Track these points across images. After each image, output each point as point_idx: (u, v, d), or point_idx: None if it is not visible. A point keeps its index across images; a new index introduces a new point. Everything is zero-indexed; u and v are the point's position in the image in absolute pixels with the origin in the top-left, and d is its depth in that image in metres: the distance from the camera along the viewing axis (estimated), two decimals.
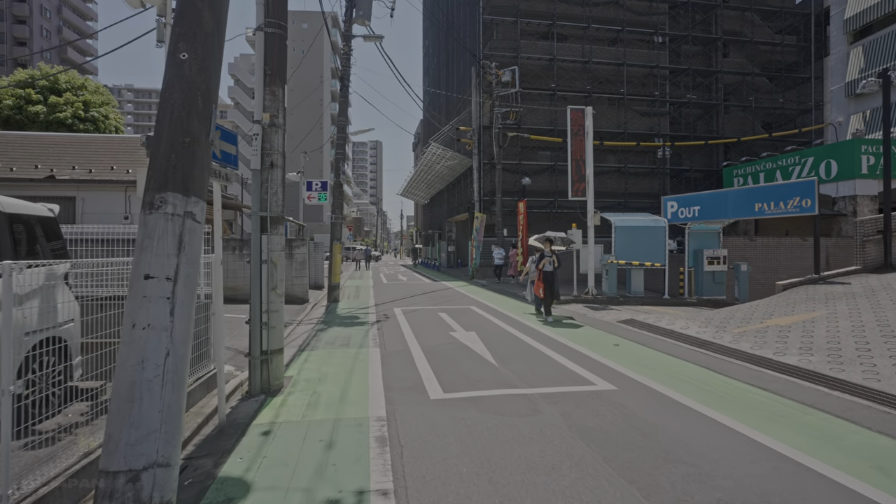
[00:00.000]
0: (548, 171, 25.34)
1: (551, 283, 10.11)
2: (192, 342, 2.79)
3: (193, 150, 2.71)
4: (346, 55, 13.37)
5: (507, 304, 12.74)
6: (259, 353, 5.11)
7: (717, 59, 27.02)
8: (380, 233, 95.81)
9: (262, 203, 5.19)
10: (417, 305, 12.52)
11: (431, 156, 26.21)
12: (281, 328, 5.36)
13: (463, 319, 10.08)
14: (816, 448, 3.71)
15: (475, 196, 23.22)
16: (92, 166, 13.07)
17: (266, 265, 5.18)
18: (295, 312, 11.06)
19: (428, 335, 8.37)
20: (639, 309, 11.89)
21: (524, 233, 19.18)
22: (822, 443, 3.81)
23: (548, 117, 25.38)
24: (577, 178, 13.52)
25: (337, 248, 13.45)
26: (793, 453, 3.60)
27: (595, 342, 7.77)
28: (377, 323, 9.76)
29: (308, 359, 6.73)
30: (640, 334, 8.48)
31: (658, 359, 6.66)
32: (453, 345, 7.56)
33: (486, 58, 23.48)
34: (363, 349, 7.28)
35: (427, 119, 46.01)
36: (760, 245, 17.66)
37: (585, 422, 4.26)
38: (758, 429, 4.07)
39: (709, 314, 9.79)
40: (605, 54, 25.79)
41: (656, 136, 26.11)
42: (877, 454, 3.62)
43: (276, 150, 5.26)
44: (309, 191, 18.45)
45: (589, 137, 13.49)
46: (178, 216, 2.56)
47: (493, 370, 6.05)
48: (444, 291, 16.38)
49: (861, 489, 3.09)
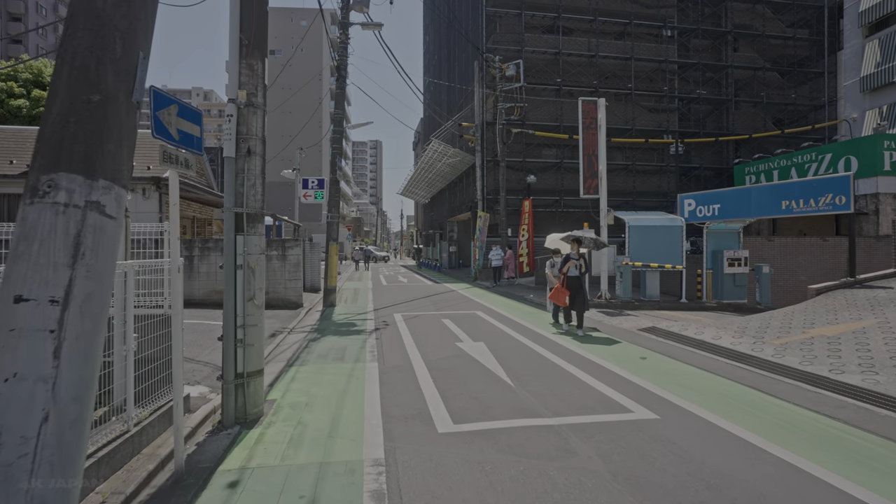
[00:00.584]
0: (553, 169, 24.51)
1: (578, 290, 8.64)
2: (94, 389, 1.95)
3: (105, 112, 1.88)
4: (342, 44, 12.54)
5: (515, 310, 11.90)
6: (233, 376, 4.28)
7: (728, 53, 26.19)
8: (380, 233, 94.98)
9: (236, 197, 4.36)
10: (419, 310, 11.69)
11: (433, 153, 25.37)
12: (261, 345, 4.53)
13: (469, 327, 9.25)
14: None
15: (478, 195, 22.38)
16: None
17: (242, 271, 4.35)
18: (287, 319, 10.24)
19: (432, 346, 7.53)
20: (658, 314, 11.06)
21: (530, 232, 18.38)
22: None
23: (553, 113, 24.56)
24: (590, 175, 12.69)
25: (333, 248, 12.62)
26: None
27: (619, 355, 6.94)
28: (376, 331, 8.93)
29: (296, 377, 5.89)
30: (667, 345, 7.65)
31: (695, 376, 5.83)
32: (461, 358, 6.73)
33: (489, 52, 22.65)
34: (359, 364, 6.45)
35: (428, 118, 45.21)
36: (778, 245, 16.81)
37: (632, 468, 3.43)
38: (852, 479, 3.24)
39: (739, 321, 8.95)
40: (613, 48, 24.96)
41: (665, 132, 25.29)
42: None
43: (254, 134, 4.43)
44: (305, 189, 17.62)
45: (602, 131, 12.67)
46: (75, 208, 1.74)
47: (508, 392, 5.22)
48: (446, 294, 15.55)
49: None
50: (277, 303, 11.88)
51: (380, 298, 14.43)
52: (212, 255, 11.69)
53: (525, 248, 18.73)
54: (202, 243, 11.70)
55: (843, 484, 3.18)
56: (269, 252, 11.91)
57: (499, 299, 14.20)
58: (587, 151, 12.64)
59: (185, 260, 11.54)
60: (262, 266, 4.54)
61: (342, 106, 12.78)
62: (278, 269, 11.92)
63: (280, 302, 11.90)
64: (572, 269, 8.75)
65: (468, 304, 12.87)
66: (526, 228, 18.64)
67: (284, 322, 9.85)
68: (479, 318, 10.53)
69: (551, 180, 24.42)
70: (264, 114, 4.57)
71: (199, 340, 7.48)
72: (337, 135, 12.79)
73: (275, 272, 11.90)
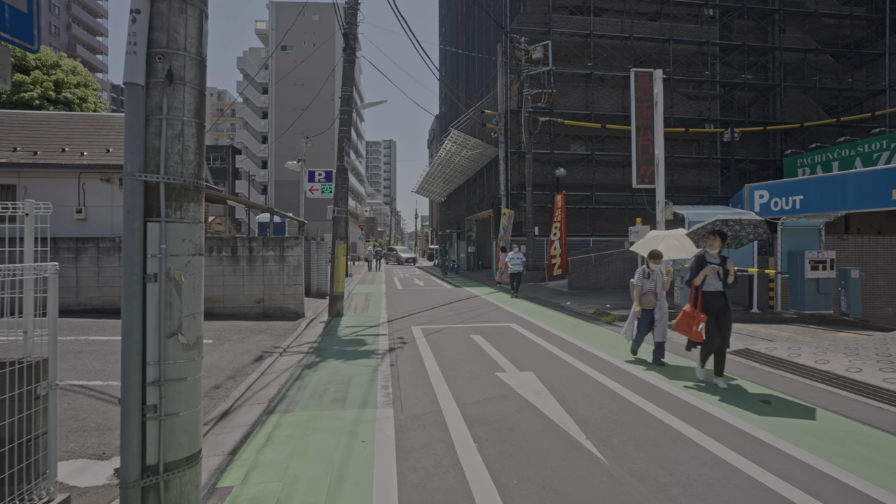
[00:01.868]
0: (583, 162, 22.43)
1: (722, 314, 5.37)
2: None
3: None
4: (351, 8, 10.71)
5: (558, 322, 9.93)
6: (139, 472, 2.41)
7: (775, 34, 23.82)
8: (393, 233, 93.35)
9: (147, 156, 2.49)
10: (441, 322, 9.79)
11: (451, 145, 23.46)
12: (195, 413, 2.63)
13: (508, 347, 7.32)
14: None
15: (501, 189, 20.41)
16: (39, 148, 10.58)
17: (158, 286, 2.48)
18: (282, 334, 8.42)
19: (465, 378, 5.62)
20: (734, 330, 8.98)
21: (563, 230, 16.37)
22: None
23: (583, 101, 22.50)
24: (644, 161, 10.66)
25: (340, 249, 10.78)
26: None
27: (734, 398, 4.94)
28: (390, 353, 7.04)
29: (274, 436, 4.02)
30: (779, 378, 5.63)
31: (872, 440, 3.83)
32: (508, 401, 4.81)
33: (513, 33, 20.68)
34: (367, 411, 4.56)
35: (443, 115, 43.36)
36: (853, 245, 14.52)
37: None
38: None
39: (852, 341, 6.87)
40: (648, 29, 22.81)
41: (706, 121, 23.05)
42: None
43: (182, 47, 2.56)
44: (311, 182, 15.83)
45: (658, 108, 10.64)
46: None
47: (600, 475, 3.28)
48: (469, 301, 13.62)
49: None
50: (274, 313, 10.08)
51: (394, 306, 12.56)
52: None
53: (557, 248, 16.67)
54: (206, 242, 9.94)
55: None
56: (265, 253, 10.13)
57: (532, 307, 12.23)
58: (641, 133, 10.62)
59: None
60: (198, 276, 2.66)
61: (351, 82, 10.95)
62: (275, 273, 10.12)
63: (277, 312, 10.10)
64: (711, 279, 5.41)
65: (498, 315, 10.93)
66: (558, 226, 16.61)
67: (278, 338, 8.02)
68: (515, 333, 8.58)
69: (580, 174, 22.35)
70: (205, 17, 2.70)
71: None
72: (345, 115, 10.96)
73: (271, 276, 10.11)
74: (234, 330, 8.42)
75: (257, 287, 10.07)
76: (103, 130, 11.73)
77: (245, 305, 10.03)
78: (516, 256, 14.90)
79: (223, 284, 9.98)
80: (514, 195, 21.33)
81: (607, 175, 22.78)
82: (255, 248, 10.09)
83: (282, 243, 10.20)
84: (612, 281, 16.29)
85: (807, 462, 3.45)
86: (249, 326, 8.84)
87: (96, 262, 9.72)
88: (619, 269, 16.39)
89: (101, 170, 10.19)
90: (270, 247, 10.14)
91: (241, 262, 10.03)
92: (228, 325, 8.89)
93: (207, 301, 9.87)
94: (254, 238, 10.12)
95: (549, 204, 21.69)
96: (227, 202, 12.75)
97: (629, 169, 23.06)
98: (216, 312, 9.92)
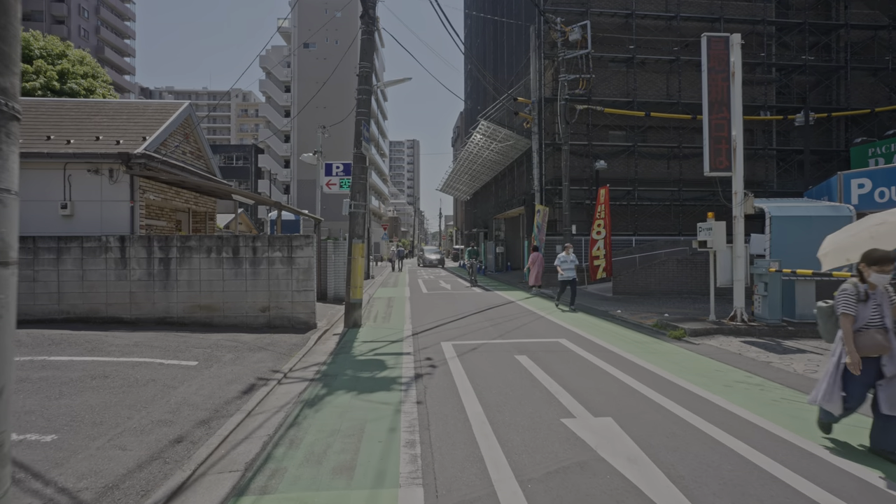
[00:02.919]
0: (624, 155, 20.56)
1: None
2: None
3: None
4: None
5: (620, 339, 8.26)
6: None
7: (840, 10, 21.47)
8: (417, 233, 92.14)
9: None
10: (476, 336, 8.23)
11: (480, 137, 21.89)
12: None
13: (566, 375, 5.71)
14: None
15: (535, 185, 18.74)
16: (22, 137, 9.46)
17: None
18: (285, 352, 6.99)
19: (520, 430, 4.04)
20: None
21: (607, 228, 14.61)
22: None
23: (623, 88, 20.65)
24: (718, 143, 8.88)
25: (358, 249, 9.33)
26: None
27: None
28: (416, 381, 5.51)
29: None
30: None
31: None
32: (592, 476, 3.21)
33: (548, 13, 18.97)
34: (384, 493, 3.03)
35: (469, 111, 41.78)
36: None
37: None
38: None
39: None
40: (696, 8, 20.80)
41: (761, 108, 20.91)
42: None
43: None
44: (328, 175, 14.48)
45: (736, 80, 8.87)
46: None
47: None
48: (504, 308, 12.01)
49: None
50: (281, 323, 8.69)
51: (420, 314, 11.06)
52: (195, 256, 8.62)
53: (601, 247, 14.91)
54: (182, 241, 8.64)
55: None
56: (271, 254, 8.75)
57: (578, 317, 10.55)
58: (715, 110, 8.85)
59: (161, 263, 8.53)
60: None
61: (370, 57, 9.50)
62: (282, 277, 8.73)
63: (284, 322, 8.71)
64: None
65: (541, 327, 9.31)
66: (602, 224, 14.85)
67: (280, 358, 6.59)
68: (569, 352, 6.96)
69: (621, 168, 20.49)
70: None
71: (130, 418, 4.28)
72: (364, 95, 9.51)
73: (278, 281, 8.72)
74: (230, 346, 7.03)
75: (262, 293, 8.70)
76: (96, 117, 10.57)
77: (248, 315, 8.67)
78: (568, 260, 11.94)
79: (223, 290, 8.64)
80: (548, 191, 19.63)
81: (651, 168, 20.85)
82: (260, 249, 8.72)
83: (290, 243, 8.80)
84: (662, 285, 14.47)
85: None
86: (249, 341, 7.45)
87: (80, 264, 8.50)
88: (670, 272, 14.56)
89: (89, 159, 8.98)
90: (277, 247, 8.76)
91: (244, 265, 8.68)
92: (224, 339, 7.52)
93: (205, 310, 8.56)
94: (258, 237, 8.77)
95: (587, 200, 19.91)
96: (231, 197, 11.48)
97: (674, 162, 21.10)
98: (215, 323, 8.59)
